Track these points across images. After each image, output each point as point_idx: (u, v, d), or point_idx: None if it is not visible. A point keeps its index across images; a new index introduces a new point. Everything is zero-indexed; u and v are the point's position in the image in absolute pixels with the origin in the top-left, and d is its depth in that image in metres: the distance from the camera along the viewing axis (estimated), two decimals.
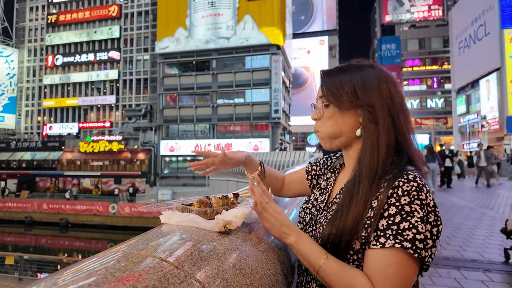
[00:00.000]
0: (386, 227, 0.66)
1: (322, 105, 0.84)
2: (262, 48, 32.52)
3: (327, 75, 0.85)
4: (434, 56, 43.67)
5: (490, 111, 25.26)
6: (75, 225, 24.71)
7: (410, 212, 0.64)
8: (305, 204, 0.93)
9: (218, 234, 0.80)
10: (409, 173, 0.69)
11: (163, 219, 0.88)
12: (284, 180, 1.13)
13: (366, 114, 0.78)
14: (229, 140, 32.60)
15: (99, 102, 39.43)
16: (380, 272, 0.63)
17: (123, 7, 39.39)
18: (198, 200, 0.93)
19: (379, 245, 0.65)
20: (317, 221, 0.83)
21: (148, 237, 0.73)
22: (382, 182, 0.71)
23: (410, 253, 0.62)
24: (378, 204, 0.69)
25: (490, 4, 24.87)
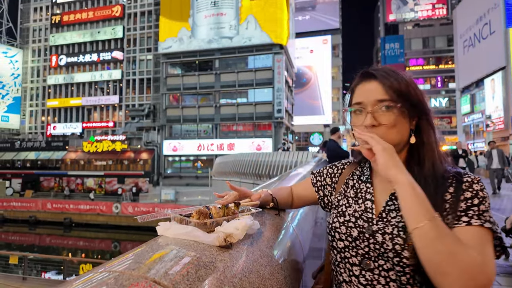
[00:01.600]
0: (467, 208, 0.70)
1: (394, 110, 0.78)
2: (265, 48, 32.46)
3: (386, 77, 0.80)
4: (438, 55, 43.36)
5: (495, 111, 25.03)
6: (79, 224, 24.84)
7: (484, 196, 0.71)
8: (341, 218, 0.84)
9: (218, 249, 0.74)
10: (467, 172, 0.77)
11: (159, 230, 0.82)
12: (292, 193, 1.13)
13: (425, 120, 0.81)
14: (232, 140, 32.59)
15: (102, 102, 39.58)
16: (476, 244, 0.65)
17: (127, 7, 39.50)
18: (197, 210, 0.87)
19: (462, 223, 0.68)
20: (377, 232, 0.76)
21: (143, 253, 0.70)
22: (447, 181, 0.75)
23: (492, 232, 0.68)
24: (452, 195, 0.73)
25: (495, 3, 24.65)
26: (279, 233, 1.05)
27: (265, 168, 11.46)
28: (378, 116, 0.79)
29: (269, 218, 1.11)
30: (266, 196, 1.10)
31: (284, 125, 32.69)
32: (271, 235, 0.99)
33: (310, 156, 10.64)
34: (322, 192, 1.02)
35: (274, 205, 1.10)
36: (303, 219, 1.51)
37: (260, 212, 1.08)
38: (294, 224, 1.28)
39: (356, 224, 0.81)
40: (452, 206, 0.71)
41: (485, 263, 0.62)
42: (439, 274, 0.62)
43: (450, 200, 0.72)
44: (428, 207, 0.66)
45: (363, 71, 0.85)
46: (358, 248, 0.78)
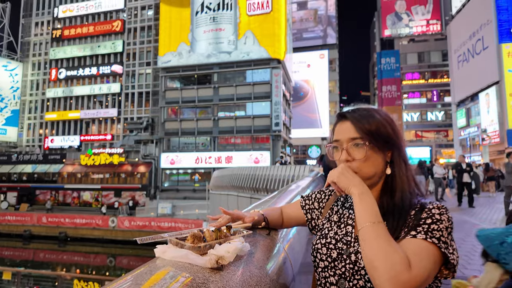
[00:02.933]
0: (418, 225, 0.78)
1: (364, 146, 0.88)
2: (263, 62, 32.96)
3: (357, 119, 0.91)
4: (433, 69, 44.09)
5: (490, 124, 25.31)
6: (74, 239, 24.52)
7: (439, 219, 0.78)
8: (323, 240, 0.93)
9: (210, 271, 0.81)
10: (434, 202, 0.84)
11: (157, 253, 0.89)
12: (283, 214, 1.20)
13: (396, 154, 0.90)
14: (230, 153, 32.65)
15: (101, 115, 39.74)
16: (415, 254, 0.73)
17: (127, 22, 40.19)
18: (191, 234, 0.95)
19: (410, 236, 0.77)
20: (352, 253, 0.85)
21: (141, 274, 0.76)
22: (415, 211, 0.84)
23: (437, 247, 0.74)
24: (411, 217, 0.82)
25: (488, 19, 25.29)
26: (269, 253, 1.11)
27: (263, 182, 11.49)
28: (351, 152, 0.89)
29: (260, 238, 1.17)
30: (258, 216, 1.16)
31: (282, 138, 32.85)
32: (261, 256, 1.06)
33: (307, 170, 10.70)
34: (310, 215, 1.10)
35: (265, 225, 1.17)
36: (294, 239, 1.56)
37: (251, 233, 1.15)
38: (284, 244, 1.34)
39: (336, 246, 0.89)
40: (409, 226, 0.80)
41: (413, 267, 0.70)
42: (372, 269, 0.72)
43: (409, 221, 0.82)
44: (372, 213, 0.78)
45: (339, 112, 0.96)
46: (336, 268, 0.86)
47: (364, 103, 1.01)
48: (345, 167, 0.86)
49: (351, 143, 0.89)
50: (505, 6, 24.22)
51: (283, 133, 33.23)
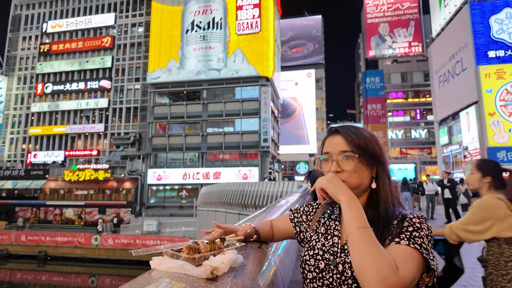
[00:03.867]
0: (401, 232, 0.84)
1: (354, 159, 0.95)
2: (252, 80, 33.45)
3: (348, 133, 0.99)
4: (416, 89, 45.60)
5: (471, 142, 26.13)
6: (55, 258, 23.52)
7: (420, 228, 0.85)
8: (311, 252, 0.97)
9: (205, 281, 0.84)
10: (414, 212, 0.91)
11: (153, 264, 0.92)
12: (273, 227, 1.24)
13: (381, 170, 0.97)
14: (218, 169, 32.46)
15: (87, 130, 39.12)
16: (401, 258, 0.78)
17: (117, 39, 40.35)
18: (187, 246, 0.98)
19: (394, 243, 0.83)
20: (339, 263, 0.89)
21: (139, 285, 0.79)
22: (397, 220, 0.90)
23: (419, 252, 0.80)
24: (394, 226, 0.88)
25: (465, 42, 26.55)
26: (261, 266, 1.15)
27: (251, 198, 11.45)
28: (341, 163, 0.96)
29: (252, 251, 1.20)
30: (250, 229, 1.20)
31: (270, 154, 32.96)
32: (253, 268, 1.09)
33: (295, 186, 10.75)
34: (298, 228, 1.14)
35: (257, 238, 1.21)
36: (284, 253, 1.59)
37: (243, 246, 1.19)
38: (275, 257, 1.38)
39: (323, 257, 0.93)
40: (392, 234, 0.86)
41: (399, 269, 0.74)
42: (362, 273, 0.75)
43: (392, 230, 0.88)
44: (360, 219, 0.82)
45: (331, 127, 1.04)
46: (324, 279, 0.90)
47: (350, 121, 1.09)
48: (333, 175, 0.92)
49: (341, 155, 0.96)
50: (481, 31, 25.55)
51: (271, 149, 33.38)
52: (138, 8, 40.80)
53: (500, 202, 2.33)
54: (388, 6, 48.76)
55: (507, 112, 23.72)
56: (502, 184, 2.43)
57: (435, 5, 34.17)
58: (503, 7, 25.26)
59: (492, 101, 24.13)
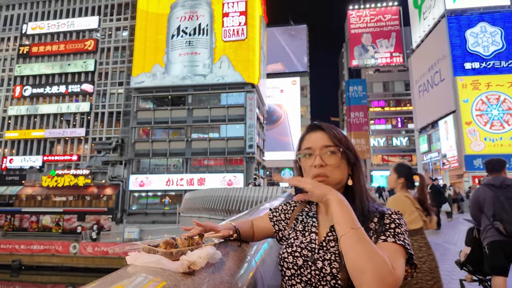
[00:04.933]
0: (385, 230, 0.87)
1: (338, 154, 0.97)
2: (238, 86, 33.55)
3: (330, 129, 1.01)
4: (397, 98, 46.95)
5: (450, 150, 27.02)
6: (30, 267, 22.52)
7: (400, 224, 0.89)
8: (289, 249, 0.97)
9: (182, 275, 0.83)
10: (390, 208, 0.95)
11: (129, 260, 0.90)
12: (253, 227, 1.23)
13: (357, 167, 1.00)
14: (203, 175, 32.18)
15: (67, 135, 38.01)
16: (392, 256, 0.80)
17: (100, 42, 39.69)
18: (164, 241, 0.97)
19: (381, 241, 0.85)
20: (318, 260, 0.89)
21: (113, 279, 0.77)
22: (373, 215, 0.93)
23: (404, 248, 0.84)
24: (376, 224, 0.90)
25: (443, 54, 27.64)
26: (240, 263, 1.14)
27: (235, 203, 11.38)
28: (325, 158, 0.97)
29: (232, 249, 1.20)
30: (230, 228, 1.19)
31: (255, 160, 32.98)
32: (232, 265, 1.08)
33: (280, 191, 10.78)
34: (277, 227, 1.14)
35: (237, 236, 1.20)
36: (266, 254, 1.59)
37: (223, 243, 1.18)
38: (256, 257, 1.37)
39: (301, 253, 0.93)
40: (376, 231, 0.88)
41: (395, 268, 0.76)
42: (358, 272, 0.74)
43: (374, 227, 0.90)
44: (352, 219, 0.81)
45: (312, 124, 1.06)
46: (302, 275, 0.90)
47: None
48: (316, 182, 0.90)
49: (324, 150, 0.97)
50: (458, 43, 26.69)
51: (256, 155, 33.42)
52: (123, 12, 40.34)
53: (406, 199, 2.78)
54: (371, 17, 50.28)
55: (483, 121, 24.73)
56: (413, 185, 2.91)
57: (415, 18, 35.50)
58: (478, 22, 26.52)
59: (468, 111, 25.12)
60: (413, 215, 2.74)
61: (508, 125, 24.19)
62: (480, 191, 3.68)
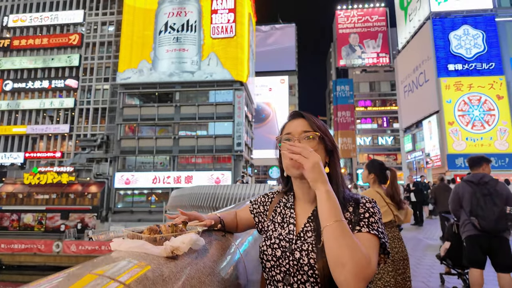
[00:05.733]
0: (360, 220, 0.90)
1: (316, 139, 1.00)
2: (226, 84, 33.42)
3: (310, 117, 1.05)
4: (383, 98, 47.78)
5: (433, 149, 27.71)
6: (10, 267, 21.90)
7: (374, 212, 0.91)
8: (268, 242, 1.00)
9: (166, 259, 0.85)
10: (364, 196, 0.98)
11: (113, 246, 0.92)
12: (237, 218, 1.26)
13: (333, 156, 1.04)
14: (190, 173, 31.96)
15: (50, 131, 37.06)
16: (367, 247, 0.83)
17: (85, 37, 38.79)
18: (148, 227, 0.99)
19: (356, 231, 0.87)
20: (295, 250, 0.92)
21: (98, 262, 0.78)
22: (348, 203, 0.96)
23: (378, 238, 0.87)
24: (351, 213, 0.93)
25: (428, 55, 28.25)
26: (223, 251, 1.16)
27: (223, 200, 11.38)
28: (303, 143, 1.00)
29: (216, 238, 1.22)
30: (214, 218, 1.22)
31: (243, 158, 32.97)
32: (215, 252, 1.11)
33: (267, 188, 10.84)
34: (257, 219, 1.18)
35: (221, 227, 1.22)
36: (250, 247, 1.61)
37: (207, 232, 1.21)
38: (240, 246, 1.40)
39: (279, 245, 0.96)
40: (352, 221, 0.91)
41: (371, 260, 0.79)
42: (339, 264, 0.76)
43: (349, 217, 0.92)
44: (337, 211, 0.84)
45: (293, 111, 1.09)
46: (281, 266, 0.93)
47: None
48: (320, 163, 0.88)
49: (303, 135, 1.01)
50: (442, 45, 27.33)
51: (244, 153, 33.41)
52: (109, 6, 39.53)
53: (377, 194, 2.89)
54: (358, 18, 50.91)
55: (465, 121, 25.45)
56: (385, 180, 2.99)
57: (401, 19, 36.14)
58: (461, 24, 27.22)
59: (451, 111, 25.79)
60: (382, 209, 2.85)
61: (489, 125, 24.99)
62: (460, 187, 3.82)
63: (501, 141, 24.47)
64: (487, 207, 3.48)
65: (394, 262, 2.75)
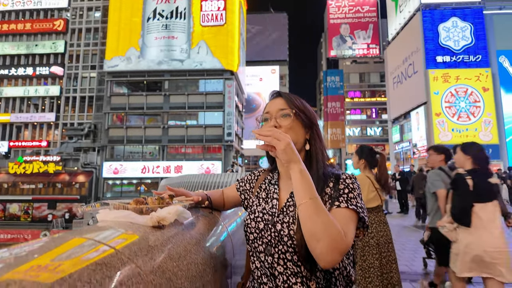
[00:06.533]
0: (339, 196, 0.92)
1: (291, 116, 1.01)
2: (216, 73, 33.08)
3: (288, 96, 1.07)
4: (373, 89, 48.15)
5: (420, 140, 28.24)
6: None
7: (353, 188, 0.94)
8: (252, 215, 1.03)
9: (152, 228, 0.87)
10: (345, 172, 1.01)
11: (100, 217, 0.93)
12: (224, 196, 1.29)
13: (314, 132, 1.05)
14: (180, 163, 31.81)
15: (35, 120, 36.18)
16: (344, 221, 0.86)
17: (70, 22, 37.62)
18: (134, 199, 1.00)
19: (335, 206, 0.90)
20: (277, 222, 0.95)
21: (84, 230, 0.79)
22: (329, 179, 0.98)
23: (356, 212, 0.90)
24: (331, 188, 0.95)
25: (417, 47, 28.50)
26: (211, 226, 1.18)
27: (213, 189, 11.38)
28: (280, 121, 1.03)
29: (203, 214, 1.24)
30: (202, 195, 1.24)
31: (234, 148, 32.96)
32: (202, 227, 1.13)
33: None
34: (243, 196, 1.21)
35: (208, 204, 1.24)
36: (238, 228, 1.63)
37: (195, 208, 1.22)
38: (227, 225, 1.43)
39: (263, 218, 1.00)
40: (331, 196, 0.94)
41: (346, 234, 0.83)
42: (315, 241, 0.80)
43: (329, 192, 0.95)
44: (311, 189, 0.85)
45: (272, 91, 1.12)
46: (263, 237, 0.97)
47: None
48: (291, 143, 0.88)
49: (280, 113, 1.03)
50: (431, 37, 27.58)
51: (235, 143, 33.39)
52: None
53: (366, 179, 2.96)
54: (350, 8, 50.76)
55: (451, 113, 25.96)
56: (375, 165, 3.03)
57: (391, 10, 36.22)
58: (450, 16, 27.47)
59: (438, 102, 26.24)
60: (371, 194, 2.94)
61: (474, 117, 25.56)
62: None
63: (485, 132, 25.10)
64: None
65: (379, 245, 2.84)
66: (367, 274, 2.76)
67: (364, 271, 2.78)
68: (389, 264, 2.82)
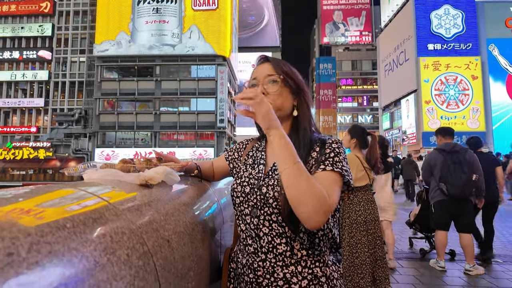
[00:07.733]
0: (325, 159, 0.93)
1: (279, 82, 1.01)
2: (208, 58, 32.63)
3: (276, 61, 1.06)
4: (364, 76, 48.19)
5: (409, 127, 28.58)
6: None
7: (339, 152, 0.95)
8: (238, 180, 1.03)
9: (139, 186, 0.86)
10: (331, 136, 1.01)
11: (86, 176, 0.92)
12: (213, 166, 1.29)
13: (302, 99, 1.05)
14: (172, 149, 31.67)
15: (24, 105, 35.40)
16: (328, 183, 0.88)
17: (58, 4, 36.43)
18: (122, 159, 1.00)
19: (320, 169, 0.91)
20: (263, 186, 0.96)
21: (72, 184, 0.79)
22: (316, 144, 0.99)
23: (341, 175, 0.91)
24: (317, 152, 0.96)
25: (409, 35, 28.48)
26: (200, 192, 1.18)
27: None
28: (267, 87, 1.02)
29: (193, 181, 1.23)
30: (191, 164, 1.23)
31: (226, 135, 32.89)
32: (191, 191, 1.12)
33: None
34: (232, 165, 1.21)
35: (197, 173, 1.24)
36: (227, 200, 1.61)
37: (184, 177, 1.22)
38: (216, 193, 1.42)
39: (249, 183, 1.01)
40: (317, 160, 0.95)
41: (330, 196, 0.84)
42: (299, 204, 0.81)
43: (316, 156, 0.96)
44: (292, 154, 0.84)
45: (259, 56, 1.11)
46: (249, 201, 0.98)
47: None
48: (271, 109, 0.87)
49: (267, 79, 1.02)
50: (423, 24, 27.55)
51: (227, 130, 33.30)
52: None
53: (356, 158, 3.03)
54: None
55: (440, 100, 26.24)
56: (366, 145, 3.11)
57: None
58: (443, 4, 27.40)
59: (428, 90, 26.46)
60: (360, 174, 2.99)
61: (462, 104, 25.89)
62: (432, 155, 4.02)
63: (473, 120, 25.52)
64: (456, 174, 3.70)
65: (366, 223, 2.92)
66: (354, 250, 2.85)
67: (351, 247, 2.87)
68: (375, 240, 2.91)
